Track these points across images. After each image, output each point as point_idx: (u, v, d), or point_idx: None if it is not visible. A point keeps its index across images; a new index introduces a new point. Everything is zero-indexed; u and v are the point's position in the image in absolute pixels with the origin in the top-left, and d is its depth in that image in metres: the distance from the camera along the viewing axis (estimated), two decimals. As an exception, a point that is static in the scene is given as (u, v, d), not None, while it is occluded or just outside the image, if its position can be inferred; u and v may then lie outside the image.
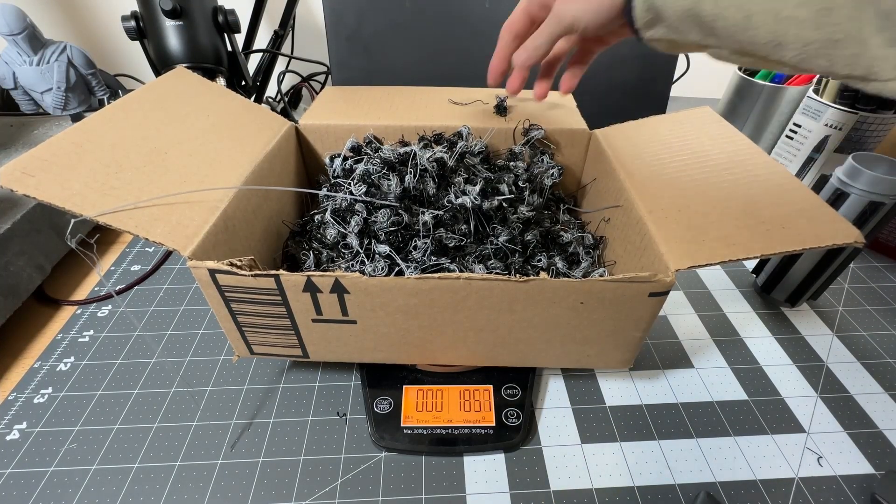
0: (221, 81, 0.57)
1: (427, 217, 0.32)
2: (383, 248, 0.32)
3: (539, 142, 0.43)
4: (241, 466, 0.31)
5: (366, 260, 0.32)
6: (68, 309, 0.43)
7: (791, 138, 0.54)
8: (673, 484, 0.30)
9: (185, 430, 0.33)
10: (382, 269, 0.31)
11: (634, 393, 0.36)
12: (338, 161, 0.39)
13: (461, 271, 0.32)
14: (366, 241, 0.33)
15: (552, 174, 0.41)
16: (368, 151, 0.39)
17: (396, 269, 0.31)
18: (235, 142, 0.36)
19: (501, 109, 0.44)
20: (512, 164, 0.41)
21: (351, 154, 0.40)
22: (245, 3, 0.63)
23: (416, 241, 0.33)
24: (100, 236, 0.50)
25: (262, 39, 0.69)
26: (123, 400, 0.35)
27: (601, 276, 0.31)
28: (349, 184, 0.34)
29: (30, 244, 0.41)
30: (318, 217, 0.37)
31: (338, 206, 0.35)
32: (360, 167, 0.35)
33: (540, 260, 0.36)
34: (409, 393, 0.34)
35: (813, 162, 0.53)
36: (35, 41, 0.49)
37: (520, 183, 0.39)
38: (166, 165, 0.30)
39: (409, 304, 0.28)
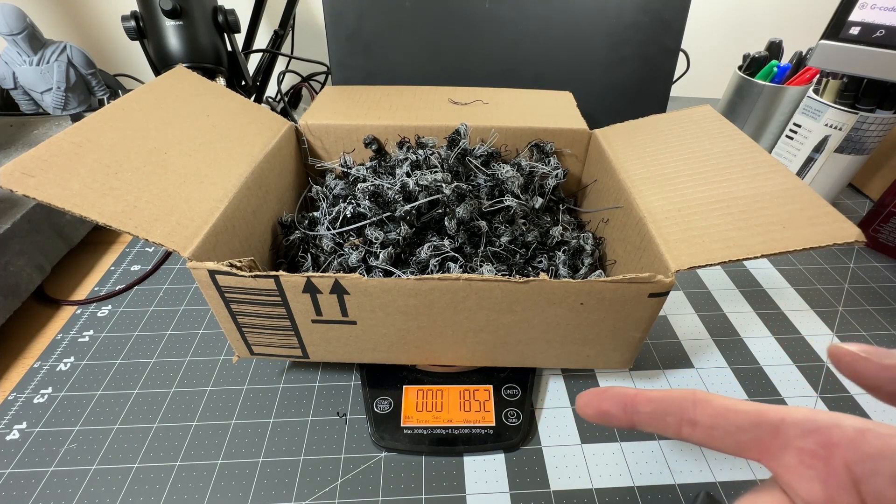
0: (221, 81, 0.57)
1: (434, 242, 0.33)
2: (382, 262, 0.32)
3: (542, 143, 0.43)
4: (241, 466, 0.31)
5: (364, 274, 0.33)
6: (68, 309, 0.43)
7: (791, 138, 0.54)
8: (673, 484, 0.30)
9: (185, 430, 0.33)
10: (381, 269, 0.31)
11: (634, 393, 0.36)
12: (335, 183, 0.41)
13: (466, 271, 0.32)
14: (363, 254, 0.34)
15: (557, 175, 0.41)
16: (355, 193, 0.38)
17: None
18: (235, 142, 0.36)
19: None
20: (515, 165, 0.41)
21: (343, 189, 0.40)
22: (245, 3, 0.63)
23: (419, 252, 0.33)
24: (100, 236, 0.50)
25: (262, 39, 0.69)
26: (123, 400, 0.35)
27: (598, 276, 0.31)
28: (346, 205, 0.35)
29: (30, 244, 0.41)
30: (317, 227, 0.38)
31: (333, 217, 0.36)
32: (349, 207, 0.36)
33: (540, 261, 0.36)
34: (409, 393, 0.34)
35: (813, 162, 0.52)
36: (35, 41, 0.49)
37: (516, 190, 0.39)
38: (166, 165, 0.30)
39: (409, 305, 0.28)
